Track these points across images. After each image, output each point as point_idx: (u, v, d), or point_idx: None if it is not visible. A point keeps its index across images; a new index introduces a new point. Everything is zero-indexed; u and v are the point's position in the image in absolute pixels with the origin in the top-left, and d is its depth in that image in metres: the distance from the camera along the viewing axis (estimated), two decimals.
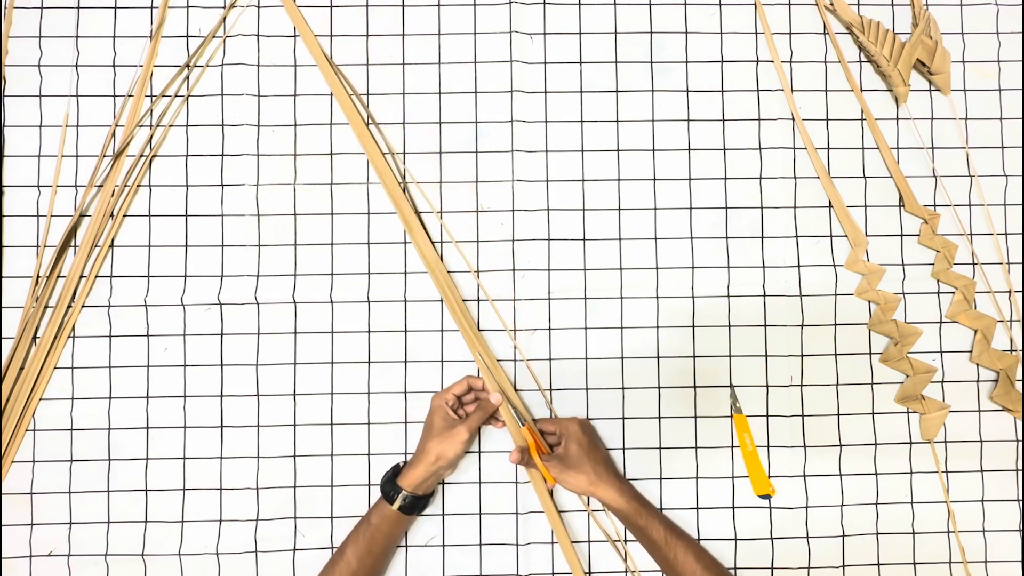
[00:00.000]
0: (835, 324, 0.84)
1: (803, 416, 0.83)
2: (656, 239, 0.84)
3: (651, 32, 0.86)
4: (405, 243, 0.84)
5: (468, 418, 0.76)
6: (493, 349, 0.83)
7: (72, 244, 0.83)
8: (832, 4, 0.87)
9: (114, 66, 0.85)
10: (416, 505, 0.75)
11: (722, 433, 0.83)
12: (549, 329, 0.83)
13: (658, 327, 0.84)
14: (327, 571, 0.74)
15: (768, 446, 0.83)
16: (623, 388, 0.83)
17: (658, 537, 0.74)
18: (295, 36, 0.85)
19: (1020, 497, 0.83)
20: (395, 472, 0.77)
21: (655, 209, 0.85)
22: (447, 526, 0.81)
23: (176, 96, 0.85)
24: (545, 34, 0.86)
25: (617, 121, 0.85)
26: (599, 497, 0.75)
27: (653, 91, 0.86)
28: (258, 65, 0.85)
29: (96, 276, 0.83)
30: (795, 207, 0.85)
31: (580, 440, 0.76)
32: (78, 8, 0.85)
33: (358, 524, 0.76)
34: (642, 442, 0.82)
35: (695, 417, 0.83)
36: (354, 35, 0.85)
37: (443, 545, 0.81)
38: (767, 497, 0.82)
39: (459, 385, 0.79)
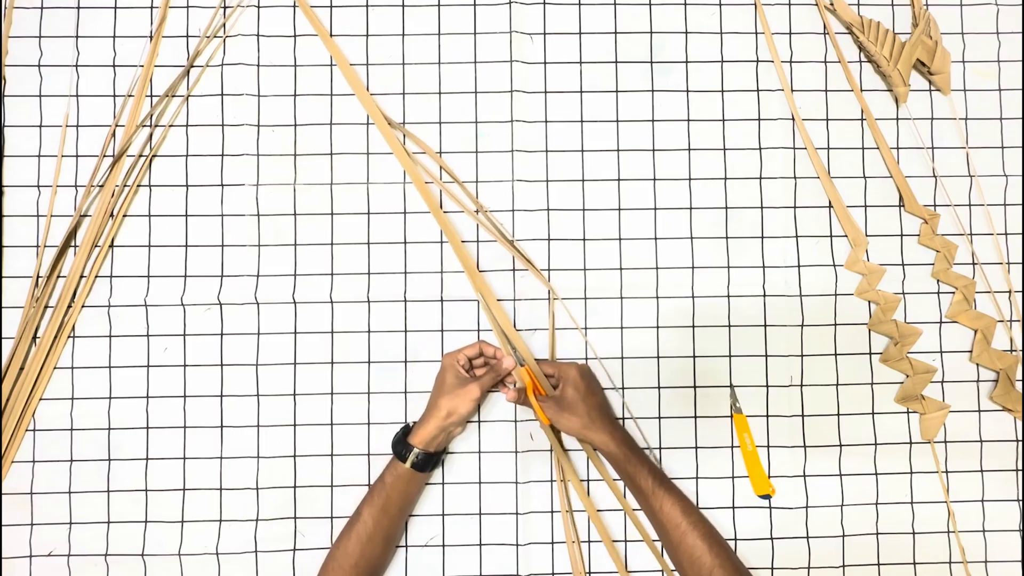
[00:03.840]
0: (835, 324, 0.84)
1: (803, 416, 0.83)
2: (656, 239, 0.84)
3: (651, 32, 0.86)
4: (405, 243, 0.84)
5: (481, 377, 0.77)
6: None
7: (72, 244, 0.83)
8: (832, 4, 0.87)
9: (114, 66, 0.85)
10: (428, 462, 0.75)
11: (722, 433, 0.83)
12: (555, 329, 0.83)
13: (658, 327, 0.84)
14: (344, 534, 0.74)
15: (768, 446, 0.83)
16: (623, 388, 0.83)
17: (646, 487, 0.74)
18: (295, 36, 0.85)
19: (1020, 497, 0.83)
20: (405, 432, 0.77)
21: (655, 209, 0.85)
22: (447, 526, 0.81)
23: (176, 96, 0.85)
24: (545, 34, 0.86)
25: (617, 121, 0.85)
26: (591, 440, 0.76)
27: (653, 91, 0.86)
28: (258, 65, 0.85)
29: (96, 276, 0.83)
30: (795, 207, 0.85)
31: (577, 384, 0.76)
32: (78, 8, 0.85)
33: (372, 486, 0.76)
34: (642, 442, 0.82)
35: (695, 417, 0.83)
36: (354, 35, 0.85)
37: (443, 545, 0.81)
38: (767, 497, 0.82)
39: (471, 348, 0.80)
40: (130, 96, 0.84)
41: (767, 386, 0.83)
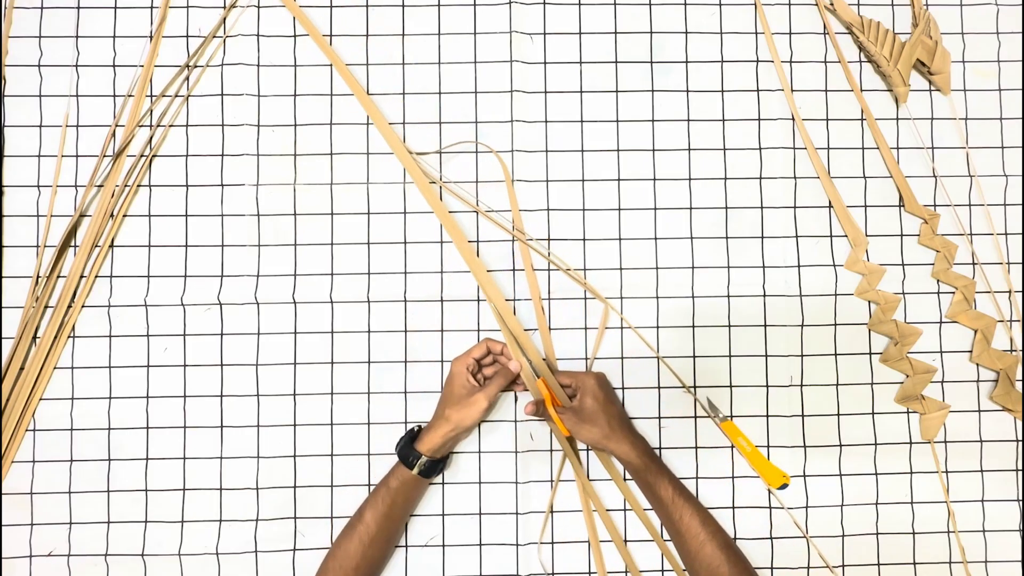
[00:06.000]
0: (835, 324, 0.84)
1: (803, 416, 0.83)
2: (656, 239, 0.84)
3: (651, 32, 0.86)
4: (405, 243, 0.84)
5: (487, 386, 0.76)
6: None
7: (72, 244, 0.83)
8: (832, 4, 0.87)
9: (114, 66, 0.85)
10: (434, 469, 0.76)
11: (722, 433, 0.83)
12: (550, 329, 0.83)
13: (658, 327, 0.84)
14: (346, 536, 0.74)
15: (768, 446, 0.83)
16: (623, 388, 0.83)
17: (666, 496, 0.74)
18: (295, 36, 0.85)
19: (1020, 497, 0.83)
20: (411, 437, 0.77)
21: (655, 209, 0.85)
22: (447, 526, 0.81)
23: (176, 96, 0.85)
24: (545, 34, 0.86)
25: (617, 121, 0.85)
26: (612, 450, 0.76)
27: (653, 91, 0.86)
28: (258, 65, 0.85)
29: (96, 276, 0.83)
30: (795, 207, 0.85)
31: (596, 394, 0.77)
32: (78, 8, 0.85)
33: (376, 488, 0.76)
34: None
35: (695, 417, 0.83)
36: (354, 35, 0.85)
37: (443, 545, 0.81)
38: (784, 487, 0.81)
39: (478, 348, 0.79)
40: (130, 96, 0.84)
41: (767, 386, 0.83)
